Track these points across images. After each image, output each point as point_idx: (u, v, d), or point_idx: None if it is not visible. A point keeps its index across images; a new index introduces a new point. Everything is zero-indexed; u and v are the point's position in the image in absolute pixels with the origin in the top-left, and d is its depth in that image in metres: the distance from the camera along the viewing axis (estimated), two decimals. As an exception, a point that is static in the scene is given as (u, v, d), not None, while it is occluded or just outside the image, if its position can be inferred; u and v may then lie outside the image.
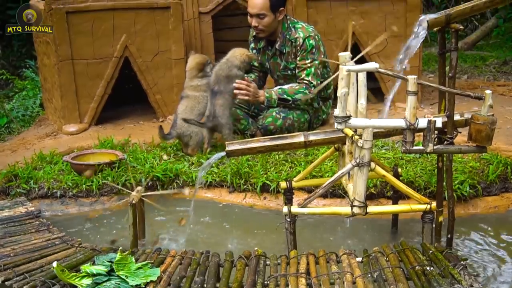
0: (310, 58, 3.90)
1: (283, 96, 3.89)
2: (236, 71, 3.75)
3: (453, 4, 9.03)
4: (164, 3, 4.46)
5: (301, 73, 3.93)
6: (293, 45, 3.94)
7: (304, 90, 3.88)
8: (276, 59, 4.08)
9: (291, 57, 3.98)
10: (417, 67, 4.59)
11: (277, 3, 3.87)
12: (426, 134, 2.29)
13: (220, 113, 3.70)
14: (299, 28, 3.95)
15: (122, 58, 4.46)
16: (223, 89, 3.73)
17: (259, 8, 3.85)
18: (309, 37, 3.90)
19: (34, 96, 6.05)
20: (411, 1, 4.50)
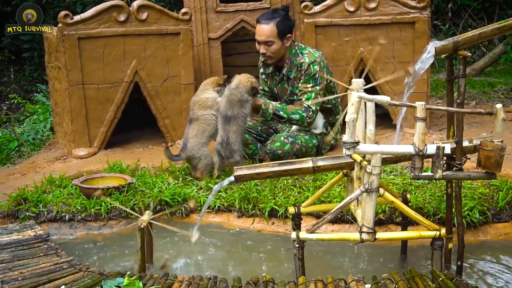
0: (312, 83, 3.92)
1: (279, 112, 3.89)
2: (247, 96, 3.77)
3: (461, 31, 9.09)
4: (174, 29, 4.52)
5: (301, 96, 3.95)
6: (298, 70, 3.98)
7: (302, 113, 3.90)
8: (283, 84, 4.11)
9: (297, 82, 4.01)
10: (425, 93, 4.60)
11: (284, 30, 3.91)
12: (435, 160, 2.28)
13: (233, 139, 3.70)
14: (305, 54, 3.98)
15: (132, 83, 4.51)
16: (236, 113, 3.74)
17: (266, 36, 3.89)
18: (314, 62, 3.93)
19: (45, 120, 6.11)
20: (419, 27, 4.54)
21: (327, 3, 4.62)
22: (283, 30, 3.90)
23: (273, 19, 3.89)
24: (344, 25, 4.60)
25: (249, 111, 3.79)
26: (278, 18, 3.89)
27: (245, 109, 3.75)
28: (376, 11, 4.57)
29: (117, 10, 4.39)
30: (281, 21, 3.89)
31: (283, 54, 4.00)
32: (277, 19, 3.89)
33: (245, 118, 3.77)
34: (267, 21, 3.90)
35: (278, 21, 3.88)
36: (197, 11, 5.01)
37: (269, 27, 3.88)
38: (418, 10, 4.55)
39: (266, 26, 3.89)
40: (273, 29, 3.88)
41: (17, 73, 10.44)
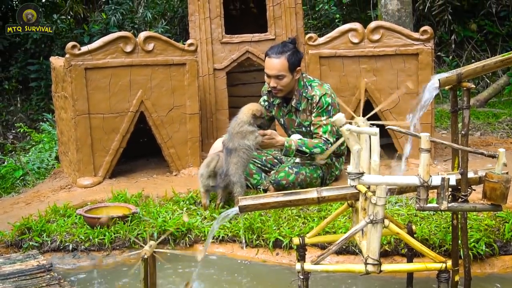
0: (326, 115, 3.93)
1: (302, 148, 3.89)
2: (247, 127, 3.77)
3: (464, 62, 9.16)
4: (180, 60, 4.57)
5: (317, 130, 3.95)
6: (309, 103, 3.98)
7: (322, 146, 3.89)
8: (291, 116, 4.12)
9: (306, 114, 4.02)
10: (430, 123, 4.61)
11: (295, 63, 3.91)
12: (440, 192, 2.28)
13: (232, 171, 3.70)
14: (315, 86, 3.99)
15: (137, 113, 4.54)
16: (237, 145, 3.75)
17: (278, 70, 3.88)
18: (326, 95, 3.94)
19: (50, 149, 6.14)
20: (422, 59, 4.57)
21: (331, 35, 4.67)
22: (294, 63, 3.90)
23: (284, 52, 3.88)
24: (348, 56, 4.64)
25: (253, 143, 3.77)
26: (289, 52, 3.89)
27: (247, 140, 3.75)
28: (380, 42, 4.62)
29: (124, 41, 4.45)
30: (292, 55, 3.89)
31: (292, 86, 4.02)
32: (287, 53, 3.88)
33: (248, 149, 3.76)
34: (277, 55, 3.88)
35: (289, 55, 3.88)
36: (203, 42, 5.08)
37: (280, 61, 3.87)
38: (421, 42, 4.59)
39: (277, 60, 3.87)
40: (284, 63, 3.87)
41: (24, 102, 10.53)
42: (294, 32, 5.14)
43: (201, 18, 5.09)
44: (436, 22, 9.66)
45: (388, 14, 6.71)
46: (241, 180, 3.73)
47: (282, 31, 5.16)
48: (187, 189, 4.12)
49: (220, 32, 5.12)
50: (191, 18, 5.16)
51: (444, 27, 9.56)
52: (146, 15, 9.78)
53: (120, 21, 9.66)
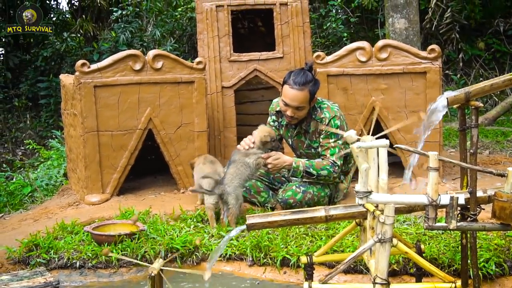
0: (334, 137, 3.91)
1: (309, 169, 3.88)
2: (255, 150, 3.81)
3: (472, 81, 9.16)
4: (188, 78, 4.60)
5: (325, 152, 3.93)
6: (318, 125, 3.96)
7: (330, 168, 3.88)
8: (300, 137, 4.11)
9: (316, 136, 4.00)
10: (438, 142, 4.59)
11: (314, 95, 3.87)
12: (449, 211, 2.27)
13: (228, 181, 3.74)
14: (325, 108, 3.97)
15: (146, 130, 4.56)
16: (238, 159, 3.80)
17: (299, 102, 3.82)
18: (335, 117, 3.92)
19: (59, 166, 6.17)
20: (430, 77, 4.57)
21: (339, 53, 4.69)
22: (313, 95, 3.86)
23: (306, 84, 3.80)
24: (356, 75, 4.65)
25: (252, 161, 3.80)
26: (311, 83, 3.82)
27: (248, 158, 3.79)
28: (388, 61, 4.63)
29: (133, 59, 4.49)
30: (313, 86, 3.84)
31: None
32: (309, 84, 3.81)
33: (246, 166, 3.79)
34: (300, 87, 3.79)
35: (311, 87, 3.82)
36: (211, 60, 5.12)
37: (303, 94, 3.80)
38: (429, 61, 4.60)
39: (300, 93, 3.79)
40: (307, 95, 3.82)
41: (33, 119, 10.61)
42: (302, 51, 5.17)
43: (209, 37, 5.14)
44: (443, 40, 9.69)
45: (396, 32, 6.74)
46: (236, 192, 3.74)
47: (290, 49, 5.18)
48: (194, 206, 4.12)
49: (229, 50, 5.15)
50: (199, 37, 5.20)
51: (452, 45, 9.59)
52: (155, 33, 9.87)
53: (129, 39, 9.75)
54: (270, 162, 3.82)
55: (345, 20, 9.84)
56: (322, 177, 3.89)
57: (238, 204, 3.74)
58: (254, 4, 5.20)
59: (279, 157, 3.85)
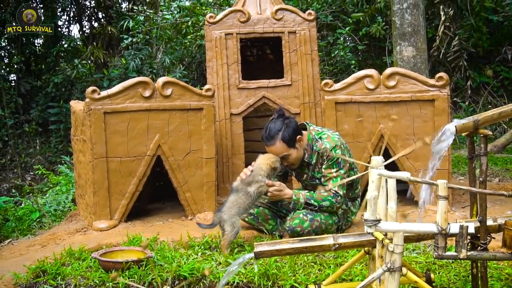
0: (336, 167, 3.88)
1: (310, 201, 3.87)
2: (260, 178, 3.82)
3: (481, 108, 9.16)
4: (197, 105, 4.63)
5: (327, 182, 3.90)
6: (320, 156, 3.94)
7: (332, 199, 3.86)
8: (303, 170, 4.08)
9: (318, 167, 3.98)
10: (447, 169, 4.57)
11: (292, 138, 3.84)
12: (459, 240, 2.25)
13: (226, 208, 3.75)
14: (325, 139, 3.94)
15: (154, 157, 4.57)
16: (240, 187, 3.80)
17: (279, 153, 3.85)
18: (336, 147, 3.88)
19: (67, 192, 6.19)
20: (438, 105, 4.58)
21: (347, 81, 4.72)
22: (290, 139, 3.83)
23: (275, 135, 3.82)
24: (364, 102, 4.67)
25: (254, 190, 3.79)
26: (280, 132, 3.82)
27: (250, 186, 3.80)
28: (396, 89, 4.65)
29: (143, 86, 4.53)
30: (284, 132, 3.82)
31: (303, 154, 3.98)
32: (279, 134, 3.81)
33: (247, 195, 3.79)
34: (270, 141, 3.83)
35: (282, 135, 3.82)
36: (220, 87, 5.16)
37: (276, 146, 3.83)
38: (437, 88, 4.61)
39: (273, 147, 3.84)
40: (281, 145, 3.83)
41: (43, 145, 10.69)
42: (310, 78, 5.20)
43: (218, 64, 5.19)
44: (451, 68, 9.73)
45: (404, 60, 6.77)
46: (232, 220, 3.74)
47: (298, 77, 5.22)
48: (202, 233, 4.11)
49: (237, 77, 5.20)
50: (208, 64, 5.25)
51: (459, 73, 9.62)
52: (164, 61, 9.99)
53: (139, 66, 9.87)
54: (271, 191, 3.82)
55: (353, 48, 9.91)
56: (324, 208, 3.87)
57: (234, 231, 3.74)
58: (263, 32, 5.26)
59: (282, 189, 3.86)
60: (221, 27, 5.23)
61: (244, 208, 3.83)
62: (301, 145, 3.94)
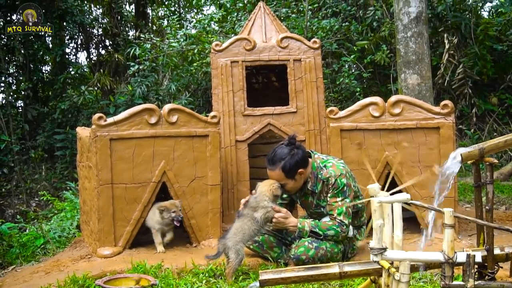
0: (341, 196, 3.87)
1: (315, 229, 3.85)
2: (266, 203, 3.81)
3: (486, 135, 9.15)
4: (203, 131, 4.65)
5: (332, 211, 3.88)
6: (324, 184, 3.93)
7: (337, 228, 3.84)
8: (308, 198, 4.07)
9: (323, 195, 3.96)
10: (453, 197, 4.55)
11: (292, 170, 3.84)
12: (466, 269, 2.23)
13: (230, 235, 3.74)
14: (330, 167, 3.93)
15: (159, 183, 4.57)
16: (246, 213, 3.80)
17: (276, 180, 3.87)
18: (341, 175, 3.88)
19: (72, 218, 6.18)
20: (444, 132, 4.58)
21: (352, 109, 4.74)
22: (290, 170, 3.83)
23: (277, 162, 3.83)
24: (369, 130, 4.68)
25: (261, 215, 3.79)
26: (283, 160, 3.82)
27: (256, 212, 3.79)
28: (401, 116, 4.66)
29: (149, 113, 4.56)
30: (286, 162, 3.82)
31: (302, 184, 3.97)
32: (282, 162, 3.82)
33: (254, 220, 3.78)
34: (272, 166, 3.85)
35: (283, 164, 3.82)
36: (226, 114, 5.18)
37: (275, 173, 3.85)
38: (442, 116, 4.62)
39: (272, 173, 3.87)
40: (279, 173, 3.84)
41: (48, 171, 10.72)
42: (315, 105, 5.22)
43: (224, 91, 5.22)
44: (456, 95, 9.76)
45: (408, 88, 6.80)
46: (236, 247, 3.72)
47: (303, 104, 5.24)
48: (206, 261, 4.08)
49: (243, 105, 5.22)
50: (214, 91, 5.29)
51: (464, 100, 9.64)
52: (170, 87, 10.07)
53: (145, 93, 9.94)
54: (277, 218, 3.81)
55: (358, 75, 9.97)
56: (329, 237, 3.84)
57: (238, 259, 3.72)
58: (268, 60, 5.31)
59: (287, 217, 3.85)
60: (227, 54, 5.28)
61: (249, 234, 3.81)
62: (301, 177, 3.92)
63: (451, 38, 9.46)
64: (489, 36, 9.55)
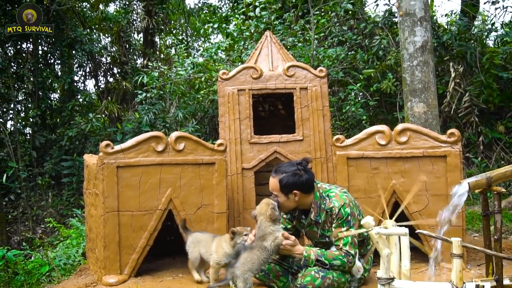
0: (346, 226, 3.81)
1: (321, 258, 3.82)
2: (272, 228, 3.79)
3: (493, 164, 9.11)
4: (209, 159, 4.66)
5: (338, 242, 3.83)
6: (328, 214, 3.89)
7: (343, 258, 3.79)
8: (312, 228, 4.04)
9: (327, 225, 3.92)
10: (461, 226, 4.51)
11: (288, 186, 3.85)
12: (475, 300, 2.20)
13: (239, 264, 3.71)
14: (333, 197, 3.90)
15: (166, 211, 4.57)
16: (254, 245, 3.77)
17: (271, 188, 3.91)
18: (344, 205, 3.84)
19: (78, 245, 6.17)
20: (451, 161, 4.57)
21: (358, 137, 4.74)
22: (286, 186, 3.85)
23: (280, 173, 3.87)
24: (376, 158, 4.67)
25: (271, 243, 3.76)
26: (286, 174, 3.85)
27: (266, 241, 3.76)
28: (407, 144, 4.66)
29: (156, 141, 4.58)
30: (287, 177, 3.85)
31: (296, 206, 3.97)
32: (283, 174, 3.86)
33: (264, 250, 3.75)
34: (274, 174, 3.90)
35: (284, 177, 3.85)
36: (232, 142, 5.20)
37: (273, 182, 3.89)
38: (449, 144, 4.61)
39: (271, 179, 3.91)
40: (276, 184, 3.87)
41: (55, 198, 10.74)
42: (321, 133, 5.23)
43: (231, 119, 5.25)
44: (463, 123, 9.76)
45: (415, 116, 6.81)
46: (245, 276, 3.69)
47: (309, 132, 5.25)
48: (212, 289, 4.05)
49: (249, 132, 5.24)
50: (221, 119, 5.32)
51: (471, 128, 9.63)
52: (177, 115, 10.12)
53: (152, 120, 10.00)
54: (284, 245, 3.78)
55: (364, 103, 10.01)
56: (335, 267, 3.80)
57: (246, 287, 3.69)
58: (275, 88, 5.34)
59: (295, 245, 3.82)
60: (234, 83, 5.33)
61: (258, 263, 3.77)
62: (295, 199, 3.90)
63: (457, 66, 9.50)
64: (495, 64, 9.58)
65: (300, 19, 10.93)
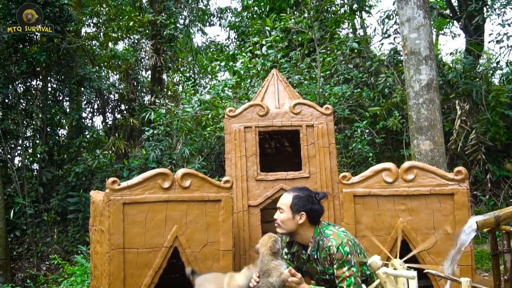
0: (347, 265, 3.73)
1: None
2: (274, 263, 3.76)
3: (502, 201, 9.03)
4: (215, 196, 4.65)
5: (341, 283, 3.74)
6: (327, 253, 3.83)
7: None
8: (312, 264, 3.98)
9: (328, 263, 3.86)
10: (470, 265, 4.43)
11: (299, 205, 3.88)
12: None
13: None
14: (330, 235, 3.85)
15: (171, 248, 4.54)
16: (261, 284, 3.75)
17: (281, 202, 3.93)
18: (342, 243, 3.77)
19: (82, 283, 6.11)
20: (458, 199, 4.54)
21: (365, 174, 4.73)
22: (297, 204, 3.88)
23: (296, 191, 3.94)
24: (383, 196, 4.64)
25: (276, 279, 3.72)
26: (300, 193, 3.91)
27: (271, 277, 3.73)
28: (414, 182, 4.64)
29: (162, 177, 4.59)
30: (301, 197, 3.89)
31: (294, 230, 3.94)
32: (298, 193, 3.92)
33: (270, 286, 3.71)
34: (290, 191, 3.98)
35: (297, 196, 3.90)
36: (238, 179, 5.20)
37: (287, 196, 3.94)
38: (456, 182, 4.59)
39: (286, 194, 3.97)
40: (289, 199, 3.91)
41: (60, 234, 10.70)
42: (328, 171, 5.23)
43: (237, 156, 5.26)
44: (470, 161, 9.72)
45: (421, 153, 6.80)
46: None
47: (316, 169, 5.25)
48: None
49: (256, 169, 5.25)
50: (227, 156, 5.33)
51: (478, 166, 9.59)
52: (184, 152, 10.15)
53: (159, 157, 10.03)
54: (290, 282, 3.74)
55: (371, 140, 10.02)
56: None
57: None
58: (281, 125, 5.37)
59: (300, 283, 3.76)
60: (241, 120, 5.36)
61: None
62: (298, 222, 3.89)
63: (463, 104, 9.54)
64: (501, 102, 9.61)
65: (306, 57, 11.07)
